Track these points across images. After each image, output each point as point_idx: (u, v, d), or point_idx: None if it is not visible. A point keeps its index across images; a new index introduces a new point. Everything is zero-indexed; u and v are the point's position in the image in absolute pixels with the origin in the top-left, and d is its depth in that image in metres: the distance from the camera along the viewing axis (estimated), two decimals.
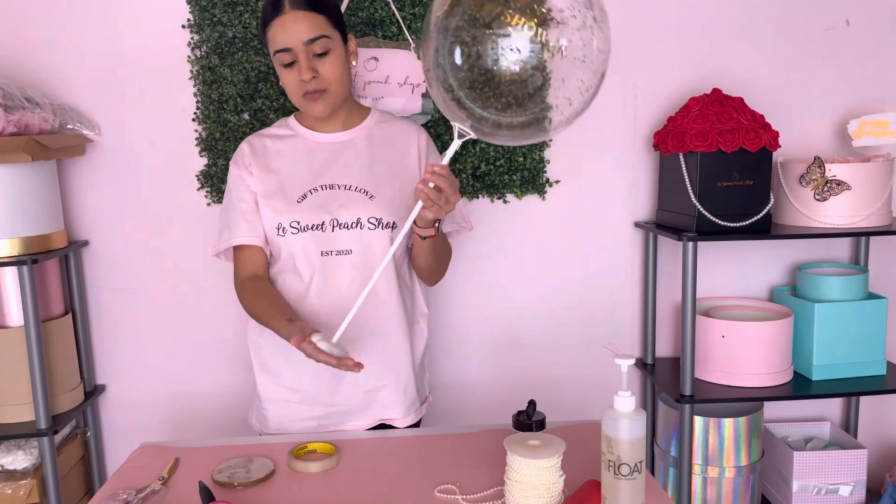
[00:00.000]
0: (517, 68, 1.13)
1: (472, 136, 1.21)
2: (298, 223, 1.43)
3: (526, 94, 1.15)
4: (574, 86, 1.16)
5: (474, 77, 1.15)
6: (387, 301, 1.47)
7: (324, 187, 1.46)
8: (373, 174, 1.48)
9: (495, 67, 1.13)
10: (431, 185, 1.23)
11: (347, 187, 1.46)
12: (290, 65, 1.40)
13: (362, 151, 1.50)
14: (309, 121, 1.52)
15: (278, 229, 1.45)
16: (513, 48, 1.12)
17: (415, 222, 1.33)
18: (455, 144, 1.24)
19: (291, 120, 1.55)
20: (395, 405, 1.51)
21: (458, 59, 1.15)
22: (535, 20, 1.12)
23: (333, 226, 1.43)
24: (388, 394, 1.50)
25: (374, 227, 1.44)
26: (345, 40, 1.45)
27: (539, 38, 1.12)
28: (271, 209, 1.45)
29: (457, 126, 1.21)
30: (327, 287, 1.44)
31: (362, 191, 1.46)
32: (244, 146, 1.51)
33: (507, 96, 1.16)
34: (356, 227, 1.44)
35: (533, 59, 1.12)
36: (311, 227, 1.43)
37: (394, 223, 1.45)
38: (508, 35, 1.12)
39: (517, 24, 1.11)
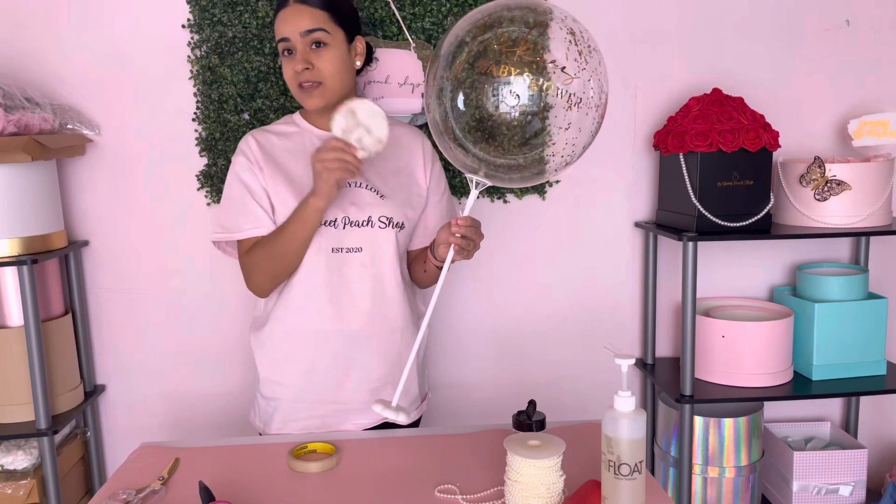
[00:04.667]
0: (517, 114, 1.15)
1: (487, 183, 1.25)
2: None
3: (524, 138, 1.18)
4: (573, 132, 1.18)
5: (475, 123, 1.18)
6: (394, 301, 1.48)
7: None
8: (382, 173, 1.49)
9: (495, 113, 1.16)
10: (458, 235, 1.29)
11: (358, 185, 1.46)
12: (289, 56, 1.44)
13: None
14: (314, 117, 1.52)
15: None
16: (513, 93, 1.15)
17: (432, 254, 1.42)
18: (473, 195, 1.28)
19: (297, 117, 1.55)
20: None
21: (461, 105, 1.18)
22: (534, 70, 1.14)
23: (345, 223, 1.44)
24: (393, 392, 1.50)
25: (384, 225, 1.45)
26: (350, 39, 1.47)
27: (538, 86, 1.14)
28: (283, 205, 1.45)
29: (473, 178, 1.25)
30: (335, 283, 1.44)
31: (373, 189, 1.46)
32: (251, 141, 1.49)
33: (506, 141, 1.19)
34: (367, 225, 1.44)
35: (532, 106, 1.15)
36: (324, 224, 1.43)
37: (402, 223, 1.46)
38: (509, 83, 1.15)
39: (515, 74, 1.14)
